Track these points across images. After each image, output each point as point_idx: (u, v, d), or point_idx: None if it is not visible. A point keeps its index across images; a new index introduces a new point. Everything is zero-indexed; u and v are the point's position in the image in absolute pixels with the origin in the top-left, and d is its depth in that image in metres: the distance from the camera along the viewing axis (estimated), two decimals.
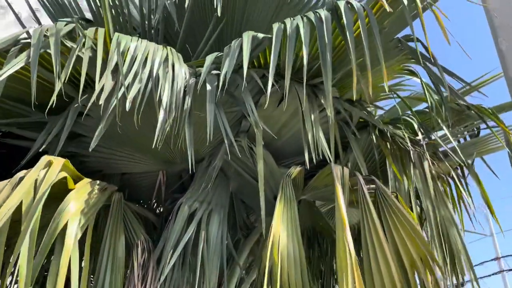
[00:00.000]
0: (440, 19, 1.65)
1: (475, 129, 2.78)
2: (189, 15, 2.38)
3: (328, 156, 1.79)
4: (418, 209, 2.34)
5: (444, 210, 2.32)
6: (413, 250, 1.71)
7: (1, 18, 7.57)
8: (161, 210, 2.63)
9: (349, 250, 1.57)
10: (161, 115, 1.66)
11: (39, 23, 3.09)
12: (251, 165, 2.24)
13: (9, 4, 3.72)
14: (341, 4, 1.76)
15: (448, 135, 2.28)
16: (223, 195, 2.23)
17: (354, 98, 2.10)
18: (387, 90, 1.78)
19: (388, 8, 1.55)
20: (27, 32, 2.55)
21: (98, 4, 2.73)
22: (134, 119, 1.60)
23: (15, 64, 1.48)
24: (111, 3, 2.71)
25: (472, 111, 2.34)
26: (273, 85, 1.76)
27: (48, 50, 1.61)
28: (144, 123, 1.74)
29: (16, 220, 1.19)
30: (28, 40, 1.73)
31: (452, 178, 2.52)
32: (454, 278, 2.16)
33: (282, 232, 1.75)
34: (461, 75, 2.01)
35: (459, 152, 2.36)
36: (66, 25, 1.67)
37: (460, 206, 2.62)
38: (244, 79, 1.65)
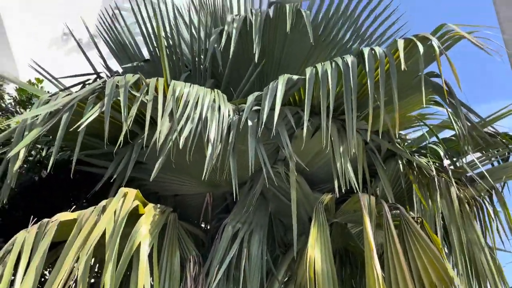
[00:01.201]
0: (453, 66, 1.83)
1: (507, 153, 2.88)
2: (233, 57, 2.69)
3: (355, 187, 2.00)
4: (444, 233, 2.47)
5: (472, 235, 2.45)
6: (434, 275, 1.88)
7: (64, 44, 8.34)
8: (208, 227, 2.94)
9: (377, 273, 1.77)
10: (209, 150, 1.97)
11: (98, 49, 3.52)
12: (287, 189, 2.50)
13: (70, 32, 4.23)
14: (366, 51, 2.00)
15: (476, 160, 2.42)
16: (263, 216, 2.50)
17: (381, 133, 2.30)
18: (393, 131, 1.96)
19: (403, 66, 1.75)
20: (98, 76, 2.98)
21: (155, 44, 3.12)
22: (186, 153, 1.92)
23: (92, 114, 1.83)
24: (165, 44, 3.09)
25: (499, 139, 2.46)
26: (308, 120, 2.03)
27: (118, 98, 1.96)
28: (195, 154, 2.06)
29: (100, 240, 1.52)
30: (100, 84, 2.10)
31: (481, 202, 2.64)
32: None
33: (316, 253, 1.97)
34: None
35: (488, 177, 2.49)
36: (133, 75, 2.02)
37: (492, 230, 2.72)
38: (275, 119, 1.91)
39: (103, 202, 1.62)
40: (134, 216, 1.68)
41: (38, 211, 2.61)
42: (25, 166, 2.52)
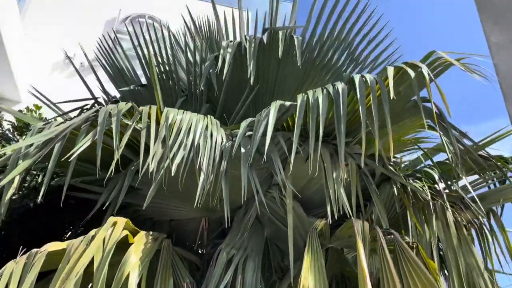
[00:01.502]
0: (443, 94, 1.84)
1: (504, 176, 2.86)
2: (228, 82, 2.72)
3: (349, 212, 1.99)
4: (442, 257, 2.45)
5: (470, 259, 2.42)
6: None
7: (67, 68, 8.46)
8: (204, 251, 2.92)
9: None
10: (201, 177, 1.97)
11: (96, 74, 3.57)
12: (282, 214, 2.49)
13: (69, 58, 4.31)
14: (356, 78, 2.02)
15: (468, 185, 2.41)
16: (258, 241, 2.48)
17: (376, 158, 2.30)
18: (391, 155, 1.96)
19: (392, 94, 1.77)
20: (96, 101, 3.01)
21: (154, 67, 3.16)
22: (179, 178, 1.92)
23: (85, 143, 1.85)
24: (162, 69, 3.14)
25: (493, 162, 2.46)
26: (300, 145, 2.03)
27: (112, 126, 1.98)
28: (189, 179, 2.06)
29: (87, 269, 1.51)
30: (93, 113, 2.12)
31: (479, 226, 2.62)
32: None
33: (310, 281, 1.95)
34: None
35: (478, 201, 2.47)
36: (126, 103, 2.04)
37: (490, 254, 2.69)
38: (266, 146, 1.92)
39: (92, 232, 1.62)
40: (124, 245, 1.67)
41: (33, 238, 2.61)
42: (20, 192, 2.53)
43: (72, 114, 3.52)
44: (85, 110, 3.52)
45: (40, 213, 2.58)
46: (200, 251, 3.00)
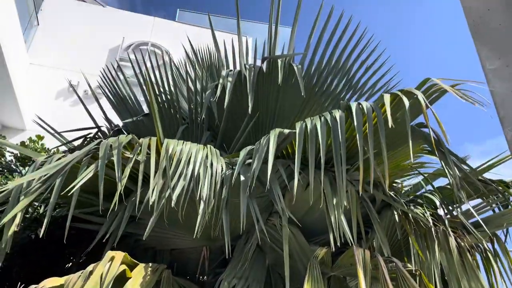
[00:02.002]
0: (439, 120, 1.86)
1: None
2: (229, 110, 2.75)
3: (351, 240, 1.98)
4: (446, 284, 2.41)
5: (476, 284, 2.39)
6: None
7: (71, 96, 8.58)
8: (206, 279, 2.89)
9: None
10: (201, 207, 1.98)
11: (99, 103, 3.62)
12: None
13: (73, 88, 4.37)
14: (353, 106, 2.04)
15: (471, 209, 2.40)
16: (260, 270, 2.46)
17: (372, 185, 2.30)
18: (386, 180, 1.96)
19: (390, 121, 1.78)
20: (99, 129, 3.04)
21: (154, 100, 3.20)
22: (181, 208, 1.93)
23: (86, 175, 1.87)
24: (164, 99, 3.18)
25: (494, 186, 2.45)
26: (300, 173, 2.04)
27: (112, 158, 2.00)
28: (189, 208, 2.07)
29: None
30: (94, 146, 2.15)
31: (483, 250, 2.59)
32: None
33: None
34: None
35: (488, 225, 2.46)
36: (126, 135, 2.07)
37: (496, 279, 2.65)
38: (269, 174, 1.93)
39: (90, 267, 1.62)
40: (123, 279, 1.67)
41: (34, 269, 2.61)
42: (21, 224, 2.54)
43: (76, 142, 3.57)
44: (88, 139, 3.56)
45: (41, 244, 2.58)
46: (201, 280, 2.98)
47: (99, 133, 3.60)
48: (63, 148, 3.48)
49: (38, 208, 2.66)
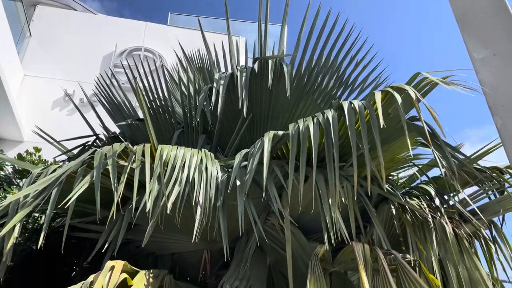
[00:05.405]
0: (433, 113, 1.88)
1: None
2: (223, 112, 2.77)
3: (347, 236, 2.00)
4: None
5: (474, 272, 2.41)
6: None
7: (67, 105, 8.58)
8: (208, 282, 2.91)
9: None
10: (198, 212, 1.99)
11: (95, 111, 3.63)
12: (283, 240, 2.49)
13: (69, 96, 4.38)
14: (345, 105, 2.06)
15: (467, 198, 2.42)
16: (261, 270, 2.48)
17: (369, 180, 2.31)
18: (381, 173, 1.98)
19: (381, 119, 1.80)
20: (97, 137, 3.05)
21: (148, 105, 3.22)
22: (177, 213, 1.95)
23: (82, 186, 1.89)
24: (159, 104, 3.20)
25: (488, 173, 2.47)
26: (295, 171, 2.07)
27: (107, 167, 2.02)
28: (187, 212, 2.08)
29: None
30: (89, 155, 2.16)
31: (482, 237, 2.61)
32: None
33: None
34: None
35: (485, 212, 2.48)
36: (120, 143, 2.08)
37: (495, 265, 2.67)
38: (264, 180, 1.94)
39: (91, 277, 1.63)
40: (125, 287, 1.69)
41: (36, 280, 2.62)
42: (23, 235, 2.56)
43: (75, 151, 3.59)
44: (87, 147, 3.57)
45: (42, 255, 2.59)
46: (203, 283, 3.00)
47: (97, 141, 3.62)
48: (63, 157, 3.50)
49: (39, 219, 2.67)
